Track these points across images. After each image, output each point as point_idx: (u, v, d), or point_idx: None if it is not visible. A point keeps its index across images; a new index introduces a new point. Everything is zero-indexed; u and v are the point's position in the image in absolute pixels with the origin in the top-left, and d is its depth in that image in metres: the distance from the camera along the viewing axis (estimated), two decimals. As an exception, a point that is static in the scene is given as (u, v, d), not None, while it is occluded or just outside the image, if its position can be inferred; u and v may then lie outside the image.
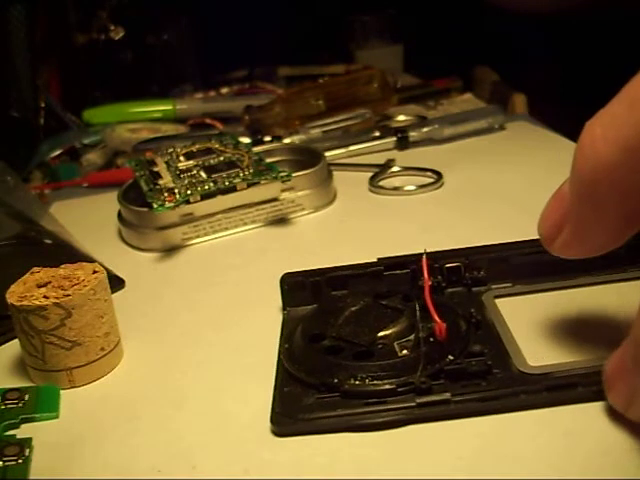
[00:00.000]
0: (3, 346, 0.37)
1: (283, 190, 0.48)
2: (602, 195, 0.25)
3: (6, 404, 0.32)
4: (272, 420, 0.29)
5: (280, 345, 0.33)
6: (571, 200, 0.26)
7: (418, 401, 0.28)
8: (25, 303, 0.32)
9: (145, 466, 0.28)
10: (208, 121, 0.68)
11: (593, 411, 0.27)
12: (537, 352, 0.30)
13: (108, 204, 0.51)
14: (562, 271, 0.34)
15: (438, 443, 0.27)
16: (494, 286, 0.35)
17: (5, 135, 0.62)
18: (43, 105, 0.66)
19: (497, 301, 0.34)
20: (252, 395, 0.31)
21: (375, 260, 0.37)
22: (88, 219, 0.53)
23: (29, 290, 0.33)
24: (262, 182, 0.47)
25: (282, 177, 0.47)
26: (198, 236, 0.47)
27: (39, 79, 0.66)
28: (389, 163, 0.54)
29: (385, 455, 0.27)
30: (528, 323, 0.33)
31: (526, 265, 0.35)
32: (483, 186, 0.49)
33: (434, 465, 0.26)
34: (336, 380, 0.30)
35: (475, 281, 0.35)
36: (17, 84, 0.64)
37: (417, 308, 0.32)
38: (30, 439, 0.30)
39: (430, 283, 0.33)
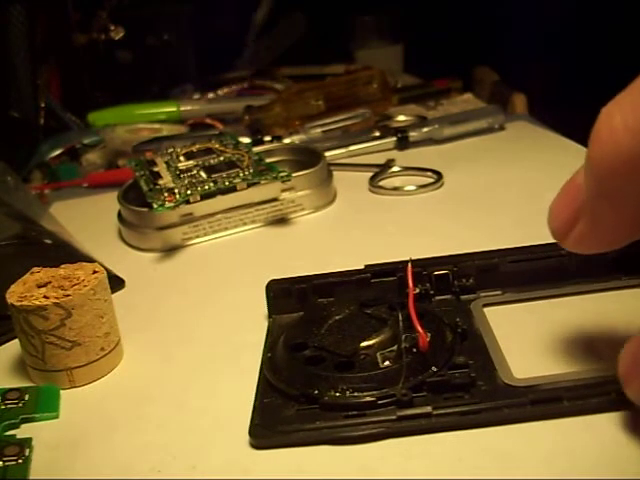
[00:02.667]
0: (3, 346, 0.37)
1: (283, 190, 0.48)
2: (621, 187, 0.23)
3: (6, 404, 0.32)
4: (250, 432, 0.28)
5: (263, 354, 0.33)
6: (586, 192, 0.25)
7: (399, 414, 0.28)
8: (25, 303, 0.32)
9: (145, 466, 0.28)
10: (208, 121, 0.68)
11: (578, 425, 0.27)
12: (524, 363, 0.30)
13: (108, 204, 0.51)
14: (553, 279, 0.34)
15: (418, 457, 0.27)
16: (483, 294, 0.35)
17: (5, 135, 0.62)
18: (43, 105, 0.66)
19: (485, 310, 0.34)
20: (243, 401, 0.30)
21: (362, 267, 0.36)
22: (88, 219, 0.53)
23: (29, 290, 0.33)
24: (262, 182, 0.47)
25: (282, 177, 0.47)
26: (198, 236, 0.47)
27: (39, 79, 0.66)
28: (389, 163, 0.54)
29: (362, 469, 0.27)
30: (516, 333, 0.32)
31: (516, 273, 0.35)
32: (483, 186, 0.49)
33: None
34: (316, 391, 0.29)
35: (463, 289, 0.35)
36: (17, 84, 0.64)
37: (400, 318, 0.31)
38: (30, 439, 0.30)
39: (415, 292, 0.33)
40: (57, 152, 0.63)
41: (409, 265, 0.34)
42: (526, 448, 0.26)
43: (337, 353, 0.31)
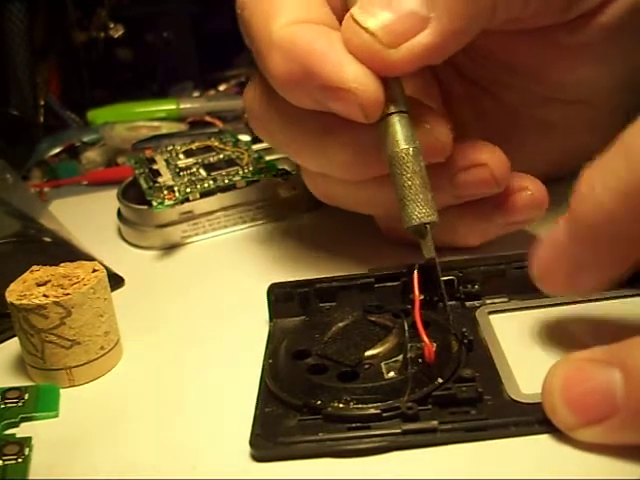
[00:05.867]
0: (2, 344, 0.37)
1: (283, 188, 0.48)
2: (598, 237, 0.27)
3: (6, 403, 0.32)
4: (251, 443, 0.28)
5: (264, 360, 0.32)
6: (567, 242, 0.28)
7: (404, 428, 0.27)
8: (25, 302, 0.32)
9: (145, 466, 0.28)
10: (208, 119, 0.68)
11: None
12: (531, 377, 0.28)
13: (107, 202, 0.51)
14: None
15: (423, 469, 0.26)
16: (489, 301, 0.34)
17: (4, 133, 0.62)
18: (42, 103, 0.66)
19: (491, 317, 0.33)
20: (243, 402, 0.30)
21: (366, 271, 0.35)
22: (87, 217, 0.53)
23: (29, 289, 0.33)
24: (262, 180, 0.47)
25: (282, 175, 0.46)
26: (197, 234, 0.46)
27: (38, 77, 0.66)
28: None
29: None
30: (523, 343, 0.31)
31: (523, 279, 0.33)
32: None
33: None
34: (319, 402, 0.28)
35: (469, 295, 0.34)
36: (16, 82, 0.64)
37: (406, 327, 0.30)
38: (30, 438, 0.30)
39: (421, 298, 0.32)
40: (56, 150, 0.63)
41: (415, 273, 0.32)
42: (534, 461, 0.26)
43: (341, 362, 0.30)
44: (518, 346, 0.31)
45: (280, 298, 0.35)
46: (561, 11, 0.34)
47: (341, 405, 0.28)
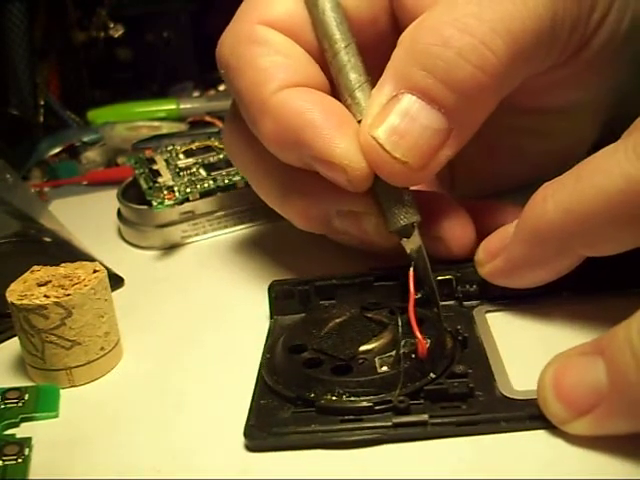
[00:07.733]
0: (3, 344, 0.37)
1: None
2: (538, 242, 0.30)
3: (6, 403, 0.32)
4: (245, 433, 0.28)
5: (262, 355, 0.33)
6: (513, 238, 0.31)
7: (395, 421, 0.27)
8: (25, 302, 0.32)
9: (145, 466, 0.28)
10: (208, 119, 0.68)
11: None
12: (524, 374, 0.29)
13: (108, 202, 0.51)
14: (559, 287, 0.32)
15: (413, 462, 0.27)
16: (486, 301, 0.34)
17: (4, 133, 0.62)
18: (42, 103, 0.66)
19: (488, 316, 0.33)
20: (242, 402, 0.30)
21: (366, 269, 0.36)
22: (88, 217, 0.53)
23: (29, 289, 0.33)
24: (262, 180, 0.47)
25: (282, 175, 0.46)
26: (197, 234, 0.46)
27: (38, 77, 0.66)
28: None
29: (356, 474, 0.26)
30: (518, 341, 0.32)
31: None
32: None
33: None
34: (313, 394, 0.29)
35: (466, 295, 0.34)
36: (16, 82, 0.64)
37: (400, 323, 0.31)
38: (30, 438, 0.30)
39: (417, 296, 0.32)
40: (56, 150, 0.63)
41: (411, 270, 0.33)
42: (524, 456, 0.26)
43: (335, 356, 0.31)
44: (513, 344, 0.32)
45: (281, 295, 0.36)
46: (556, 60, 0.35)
47: (334, 398, 0.29)
